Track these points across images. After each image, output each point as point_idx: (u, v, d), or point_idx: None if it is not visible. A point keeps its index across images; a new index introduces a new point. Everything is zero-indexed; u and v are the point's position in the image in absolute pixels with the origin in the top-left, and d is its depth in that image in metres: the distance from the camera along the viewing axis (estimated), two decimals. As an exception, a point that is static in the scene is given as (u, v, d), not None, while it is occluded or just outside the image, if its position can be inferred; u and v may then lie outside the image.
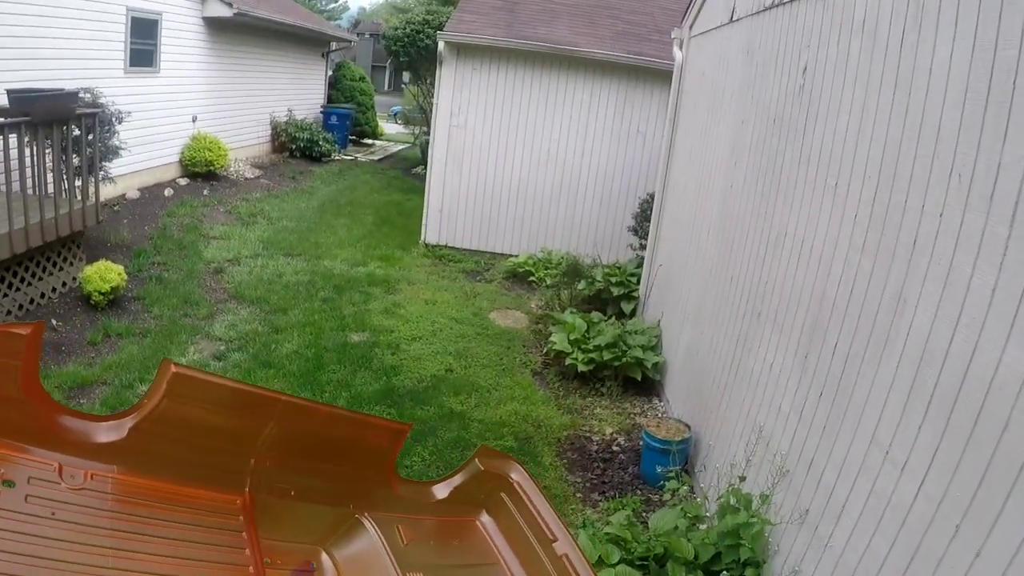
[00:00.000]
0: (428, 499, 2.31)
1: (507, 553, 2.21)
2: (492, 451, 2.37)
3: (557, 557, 1.99)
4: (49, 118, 7.20)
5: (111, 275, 7.58)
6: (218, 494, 2.03)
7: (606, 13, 12.70)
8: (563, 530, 2.03)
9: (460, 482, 2.34)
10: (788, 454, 3.94)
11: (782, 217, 4.55)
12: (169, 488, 1.91)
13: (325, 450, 2.17)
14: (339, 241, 11.51)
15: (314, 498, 2.14)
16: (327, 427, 2.15)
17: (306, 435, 2.11)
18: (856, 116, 3.64)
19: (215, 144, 13.83)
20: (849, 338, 3.46)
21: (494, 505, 2.27)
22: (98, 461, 1.84)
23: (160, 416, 1.86)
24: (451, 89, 11.48)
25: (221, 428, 1.96)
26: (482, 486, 2.31)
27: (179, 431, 1.92)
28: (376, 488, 2.22)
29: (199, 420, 1.93)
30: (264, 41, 16.58)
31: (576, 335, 7.42)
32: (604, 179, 11.60)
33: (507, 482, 2.24)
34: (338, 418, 2.26)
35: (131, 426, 1.86)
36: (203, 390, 1.93)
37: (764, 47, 5.32)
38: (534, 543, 2.08)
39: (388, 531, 2.13)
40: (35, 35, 9.21)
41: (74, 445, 1.83)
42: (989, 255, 2.45)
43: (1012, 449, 2.23)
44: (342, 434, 2.19)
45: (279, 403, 2.02)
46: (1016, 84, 2.37)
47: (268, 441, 2.05)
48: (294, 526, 2.11)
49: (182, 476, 1.93)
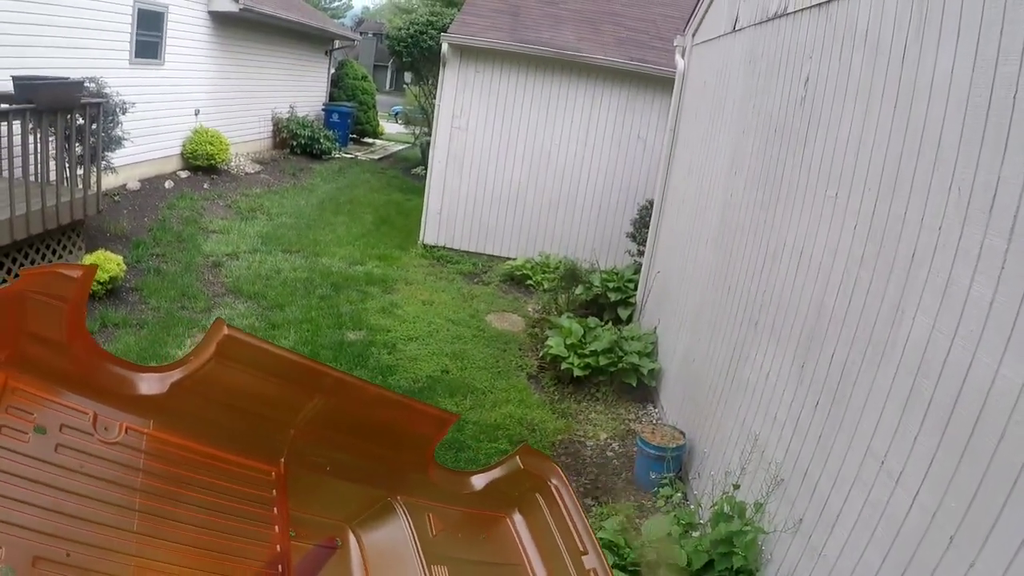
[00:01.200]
0: (463, 489, 2.26)
1: (534, 556, 2.17)
2: (533, 451, 2.34)
3: (584, 571, 1.96)
4: (53, 106, 7.21)
5: (110, 265, 7.58)
6: (253, 462, 1.97)
7: (609, 19, 12.73)
8: (594, 544, 2.00)
9: (497, 477, 2.29)
10: (783, 463, 3.95)
11: (781, 227, 4.56)
12: (204, 451, 1.85)
13: (367, 430, 2.11)
14: (338, 239, 11.51)
15: (348, 476, 2.08)
16: (372, 407, 2.08)
17: (350, 413, 2.04)
18: (857, 128, 3.66)
19: (217, 138, 13.84)
20: (846, 348, 3.47)
21: (527, 506, 2.23)
22: (135, 414, 1.79)
23: (205, 376, 1.81)
24: (453, 91, 11.50)
25: (265, 396, 1.91)
26: (518, 484, 2.26)
27: (222, 394, 1.86)
28: (412, 473, 2.17)
29: (243, 385, 1.87)
30: (268, 37, 16.60)
31: (572, 340, 7.43)
32: (604, 185, 11.62)
33: (544, 485, 2.21)
34: (384, 400, 2.19)
35: (174, 381, 1.81)
36: (253, 355, 1.87)
37: (766, 57, 5.34)
38: (563, 552, 2.05)
39: (418, 518, 2.10)
40: (42, 23, 9.22)
41: (113, 395, 1.78)
42: (987, 268, 2.47)
43: (1008, 460, 2.25)
44: (386, 416, 2.13)
45: (329, 377, 1.96)
46: (1016, 99, 2.39)
47: (311, 414, 1.99)
48: (325, 501, 2.06)
49: (218, 440, 1.87)
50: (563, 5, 13.07)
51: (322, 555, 1.91)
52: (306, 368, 1.97)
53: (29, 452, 1.59)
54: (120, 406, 1.78)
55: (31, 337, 1.69)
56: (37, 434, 1.62)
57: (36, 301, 1.66)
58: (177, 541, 1.66)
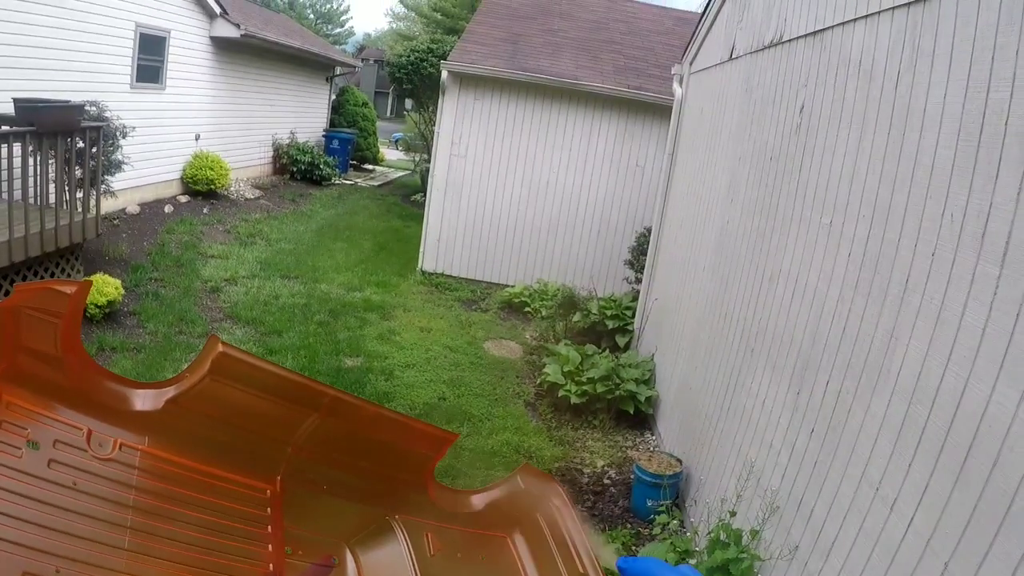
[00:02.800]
0: (462, 509, 2.22)
1: None
2: (534, 470, 2.31)
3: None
4: (54, 129, 7.25)
5: (108, 289, 7.58)
6: (249, 480, 1.95)
7: (608, 48, 12.86)
8: (597, 570, 1.96)
9: (498, 497, 2.26)
10: (779, 490, 3.93)
11: (777, 254, 4.58)
12: (198, 468, 1.83)
13: (365, 449, 2.08)
14: (336, 265, 11.53)
15: (346, 494, 2.05)
16: (371, 427, 2.06)
17: (348, 432, 2.02)
18: (851, 155, 3.69)
19: (217, 163, 13.91)
20: (841, 375, 3.47)
21: (529, 526, 2.18)
22: (130, 431, 1.78)
23: (200, 393, 1.80)
24: (453, 118, 11.58)
25: (261, 413, 1.89)
26: (519, 504, 2.22)
27: (217, 411, 1.85)
28: (411, 491, 2.14)
29: (239, 402, 1.86)
30: (270, 63, 16.75)
31: (570, 367, 7.42)
32: (601, 212, 11.67)
33: (546, 505, 2.17)
34: (383, 419, 2.16)
35: (169, 398, 1.80)
36: (248, 373, 1.85)
37: (762, 85, 5.39)
38: (563, 573, 2.01)
39: (416, 537, 2.06)
40: (44, 46, 9.32)
41: (108, 410, 1.77)
42: (980, 294, 2.47)
43: (1001, 486, 2.24)
44: (385, 435, 2.11)
45: (326, 396, 1.94)
46: (1008, 125, 2.41)
47: (308, 432, 1.97)
48: (322, 520, 2.03)
49: (213, 457, 1.86)
50: (562, 34, 13.21)
51: (319, 573, 1.89)
52: (303, 386, 1.96)
53: (22, 467, 1.58)
54: (115, 422, 1.77)
55: (26, 352, 1.69)
56: (30, 449, 1.61)
57: (30, 316, 1.66)
58: (169, 559, 1.65)
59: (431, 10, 41.98)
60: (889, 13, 3.44)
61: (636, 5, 15.95)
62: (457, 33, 23.04)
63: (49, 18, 9.35)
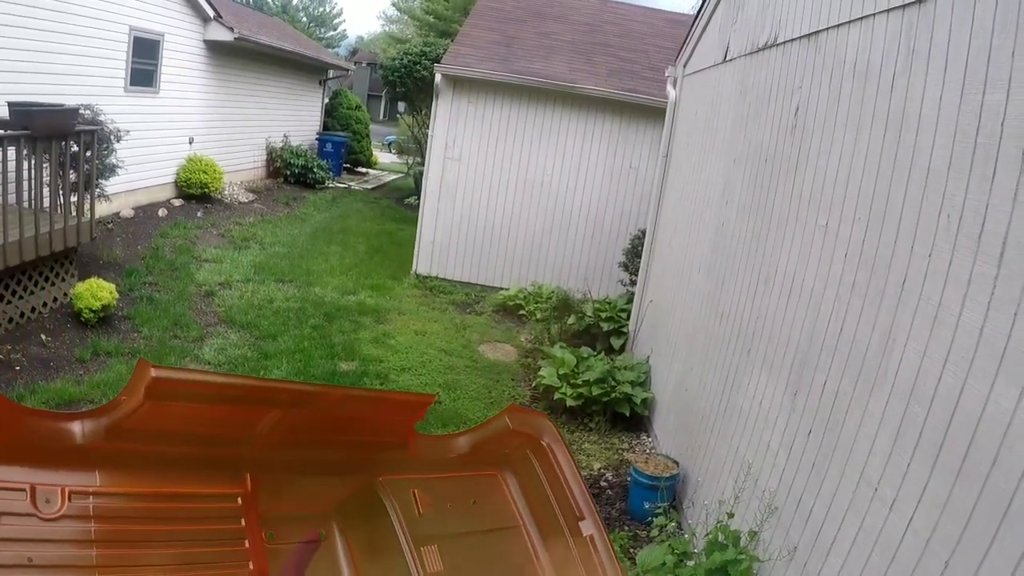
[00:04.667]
0: (448, 454, 2.12)
1: (528, 520, 2.03)
2: (523, 409, 2.23)
3: (582, 536, 1.86)
4: (48, 133, 7.22)
5: (102, 293, 7.56)
6: (215, 487, 1.81)
7: (601, 50, 12.88)
8: (591, 508, 1.89)
9: (485, 436, 2.15)
10: (777, 491, 3.94)
11: (773, 255, 4.59)
12: (159, 491, 1.67)
13: (338, 427, 1.97)
14: (331, 269, 11.51)
15: (325, 470, 1.94)
16: (340, 407, 1.95)
17: (316, 418, 1.91)
18: (847, 156, 3.70)
19: (211, 166, 13.89)
20: (838, 376, 3.48)
21: (520, 465, 2.08)
22: (76, 471, 1.59)
23: (142, 418, 1.62)
24: (446, 121, 11.58)
25: (215, 421, 1.74)
26: (508, 442, 2.13)
27: (166, 430, 1.69)
28: (391, 452, 2.03)
29: (189, 416, 1.70)
30: (263, 66, 16.74)
31: (565, 370, 7.42)
32: (596, 214, 11.68)
33: (536, 443, 2.08)
34: (353, 398, 2.07)
35: (110, 425, 1.62)
36: (189, 391, 1.70)
37: (757, 87, 5.41)
38: (559, 516, 1.93)
39: (403, 497, 1.95)
40: (39, 49, 9.30)
41: (47, 454, 1.57)
42: (977, 294, 2.49)
43: (1000, 485, 2.25)
44: (357, 412, 2.01)
45: (285, 392, 1.82)
46: (1004, 126, 2.43)
47: (271, 427, 1.82)
48: (303, 498, 1.92)
49: (173, 474, 1.70)
50: (556, 36, 13.23)
51: (307, 550, 1.81)
52: (254, 388, 1.84)
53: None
54: (58, 465, 1.57)
55: None
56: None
57: None
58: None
59: (424, 13, 41.98)
60: (884, 15, 3.45)
61: (629, 7, 16.00)
62: (450, 36, 23.06)
63: (43, 21, 9.33)
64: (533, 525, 2.01)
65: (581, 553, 1.88)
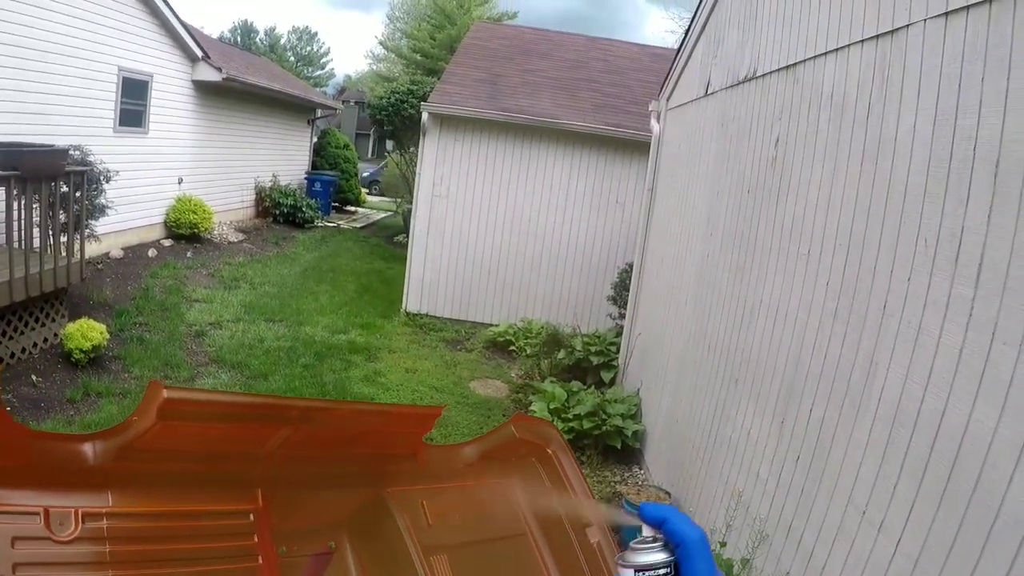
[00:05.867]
0: (455, 464, 2.12)
1: (535, 528, 2.03)
2: (528, 418, 2.24)
3: (589, 544, 1.86)
4: (38, 173, 7.25)
5: (93, 333, 7.54)
6: (227, 505, 1.81)
7: (586, 86, 13.06)
8: (597, 512, 1.90)
9: (491, 445, 2.17)
10: (767, 518, 3.94)
11: (757, 285, 4.64)
12: (171, 510, 1.74)
13: (348, 441, 1.98)
14: (320, 308, 11.51)
15: (335, 483, 1.95)
16: (350, 422, 1.96)
17: (326, 433, 1.92)
18: (826, 185, 3.77)
19: (200, 207, 13.93)
20: (824, 402, 3.51)
21: (526, 474, 2.10)
22: (88, 492, 1.60)
23: (154, 438, 1.63)
24: (434, 159, 11.67)
25: (226, 439, 1.74)
26: (515, 451, 2.14)
27: (177, 449, 1.71)
28: (400, 464, 2.05)
29: (200, 436, 1.71)
30: (251, 106, 16.87)
31: (556, 404, 7.42)
32: (583, 249, 11.75)
33: (542, 451, 2.09)
34: (361, 413, 2.07)
35: (122, 445, 1.63)
36: (201, 411, 1.69)
37: (738, 120, 5.50)
38: (566, 523, 1.93)
39: (412, 509, 1.95)
40: (28, 90, 9.38)
41: (59, 476, 1.58)
42: (956, 315, 2.53)
43: (985, 503, 2.27)
44: (367, 426, 2.01)
45: (294, 409, 1.82)
46: (976, 150, 2.49)
47: (282, 443, 1.83)
48: (314, 512, 1.92)
49: (185, 493, 1.71)
50: (541, 73, 13.41)
51: (319, 563, 1.82)
52: (265, 407, 1.85)
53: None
54: (70, 488, 1.57)
55: None
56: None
57: None
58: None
59: (411, 51, 42.43)
60: (859, 46, 3.54)
61: (613, 43, 16.25)
62: (436, 74, 23.30)
63: (33, 62, 9.42)
64: (540, 533, 2.01)
65: (589, 561, 1.88)
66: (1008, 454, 2.21)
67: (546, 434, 2.08)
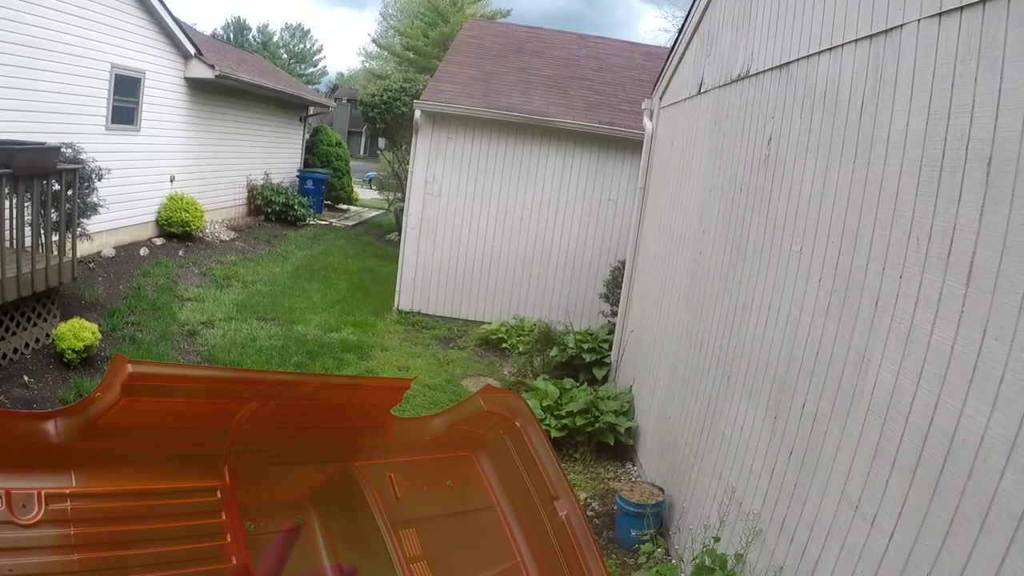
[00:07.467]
0: (424, 435, 2.13)
1: (503, 501, 2.04)
2: (497, 390, 2.24)
3: (557, 517, 1.86)
4: (30, 171, 7.21)
5: (85, 333, 7.51)
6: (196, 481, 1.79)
7: (579, 84, 13.07)
8: (567, 488, 1.90)
9: (459, 418, 2.16)
10: (760, 513, 3.97)
11: (749, 282, 4.67)
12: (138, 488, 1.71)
13: (316, 415, 1.97)
14: (313, 306, 11.50)
15: (303, 457, 1.93)
16: (319, 395, 1.95)
17: (294, 406, 1.90)
18: (819, 183, 3.80)
19: (192, 205, 13.89)
20: (816, 398, 3.54)
21: (494, 447, 2.10)
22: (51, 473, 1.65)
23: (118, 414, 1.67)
24: (426, 157, 11.68)
25: (193, 414, 1.77)
26: (483, 423, 2.14)
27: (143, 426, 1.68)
28: (368, 437, 2.04)
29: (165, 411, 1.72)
30: (244, 104, 16.82)
31: (549, 401, 7.45)
32: (576, 247, 11.77)
33: (511, 424, 2.09)
34: (331, 386, 2.06)
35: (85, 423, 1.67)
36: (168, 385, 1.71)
37: (731, 118, 5.53)
38: (534, 496, 1.94)
39: (380, 482, 1.95)
40: (19, 87, 9.31)
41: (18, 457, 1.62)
42: (947, 312, 2.56)
43: (976, 497, 2.30)
44: (336, 399, 2.00)
45: (262, 383, 1.81)
46: (968, 149, 2.52)
47: (249, 418, 1.81)
48: (282, 488, 1.91)
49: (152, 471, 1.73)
50: (534, 71, 13.41)
51: (288, 539, 1.81)
52: (232, 380, 1.83)
53: None
54: (32, 469, 1.62)
55: None
56: None
57: None
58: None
59: (403, 49, 42.43)
60: (852, 45, 3.57)
61: (606, 41, 16.24)
62: (429, 71, 23.30)
63: (24, 59, 9.37)
64: (508, 506, 2.02)
65: (557, 532, 1.89)
66: (999, 448, 2.24)
67: (514, 406, 2.07)
